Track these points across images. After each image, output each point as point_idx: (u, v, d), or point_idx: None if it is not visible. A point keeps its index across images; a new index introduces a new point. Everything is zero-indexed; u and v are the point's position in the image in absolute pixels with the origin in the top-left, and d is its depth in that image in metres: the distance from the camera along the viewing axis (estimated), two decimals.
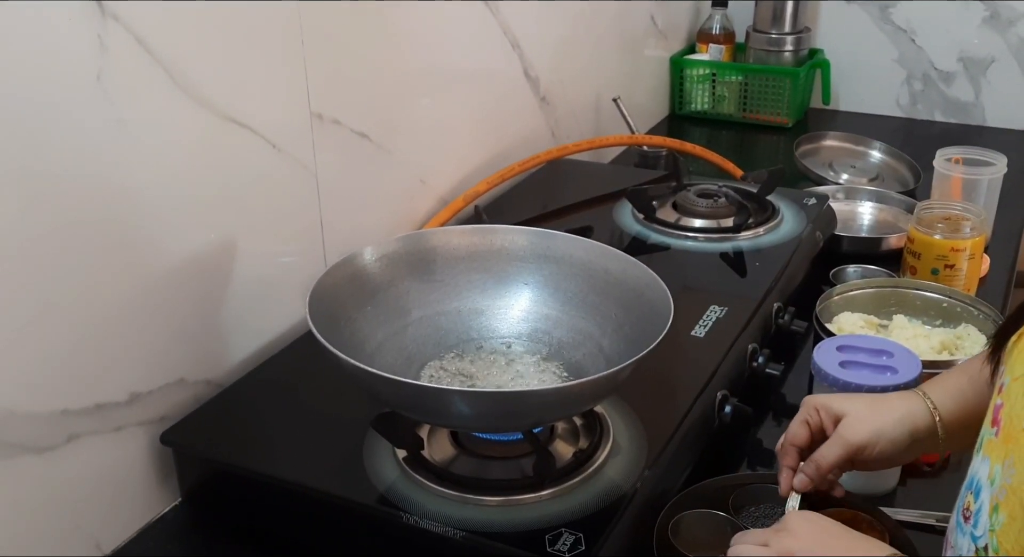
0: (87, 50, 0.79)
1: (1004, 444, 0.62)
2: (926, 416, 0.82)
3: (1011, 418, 0.62)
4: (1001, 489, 0.61)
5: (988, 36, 1.97)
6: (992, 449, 0.64)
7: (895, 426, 0.82)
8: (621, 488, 0.84)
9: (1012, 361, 0.65)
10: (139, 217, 0.87)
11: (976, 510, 0.64)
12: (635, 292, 0.90)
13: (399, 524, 0.81)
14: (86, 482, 0.87)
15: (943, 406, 0.82)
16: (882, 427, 0.82)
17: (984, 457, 0.65)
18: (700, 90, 2.08)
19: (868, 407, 0.83)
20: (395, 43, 1.19)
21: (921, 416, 0.82)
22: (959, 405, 0.82)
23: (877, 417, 0.82)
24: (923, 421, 0.82)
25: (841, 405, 0.84)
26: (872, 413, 0.83)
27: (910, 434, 0.82)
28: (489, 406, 0.80)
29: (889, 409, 0.83)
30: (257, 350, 1.05)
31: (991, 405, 0.67)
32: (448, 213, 1.32)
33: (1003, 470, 0.61)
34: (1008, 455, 0.61)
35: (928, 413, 0.82)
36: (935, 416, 0.82)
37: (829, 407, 0.84)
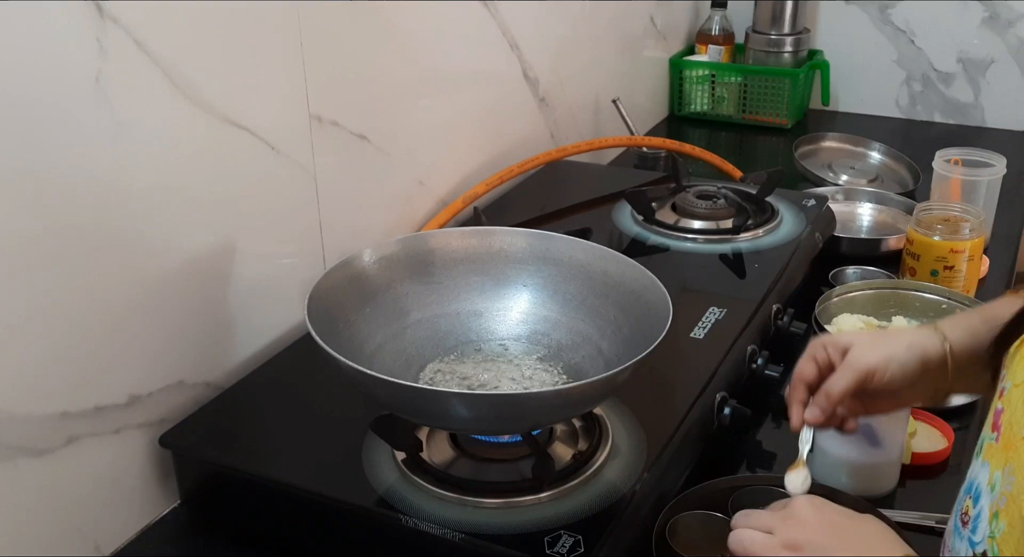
0: (85, 52, 0.79)
1: (1004, 451, 0.62)
2: (936, 346, 0.80)
3: (1011, 425, 0.62)
4: (1001, 496, 0.61)
5: (987, 37, 1.97)
6: (992, 454, 0.64)
7: (905, 352, 0.80)
8: (620, 490, 0.84)
9: (1014, 367, 0.65)
10: (138, 219, 0.87)
11: (975, 515, 0.64)
12: (634, 294, 0.90)
13: (398, 526, 0.81)
14: (85, 484, 0.87)
15: (954, 338, 0.80)
16: (892, 352, 0.80)
17: (984, 462, 0.65)
18: (699, 91, 2.08)
19: (876, 337, 0.83)
20: (394, 45, 1.19)
21: (932, 345, 0.80)
22: (970, 339, 0.80)
23: (886, 345, 0.81)
24: (933, 350, 0.80)
25: (848, 337, 0.83)
26: (881, 341, 0.82)
27: (920, 362, 0.80)
28: (488, 409, 0.80)
29: (898, 338, 0.82)
30: (256, 352, 1.05)
31: (992, 409, 0.67)
32: (447, 215, 1.32)
33: (1003, 477, 0.61)
34: (1008, 462, 0.61)
35: (939, 343, 0.80)
36: (945, 346, 0.80)
37: (836, 341, 0.83)
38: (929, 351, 0.81)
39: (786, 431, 1.09)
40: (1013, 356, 0.65)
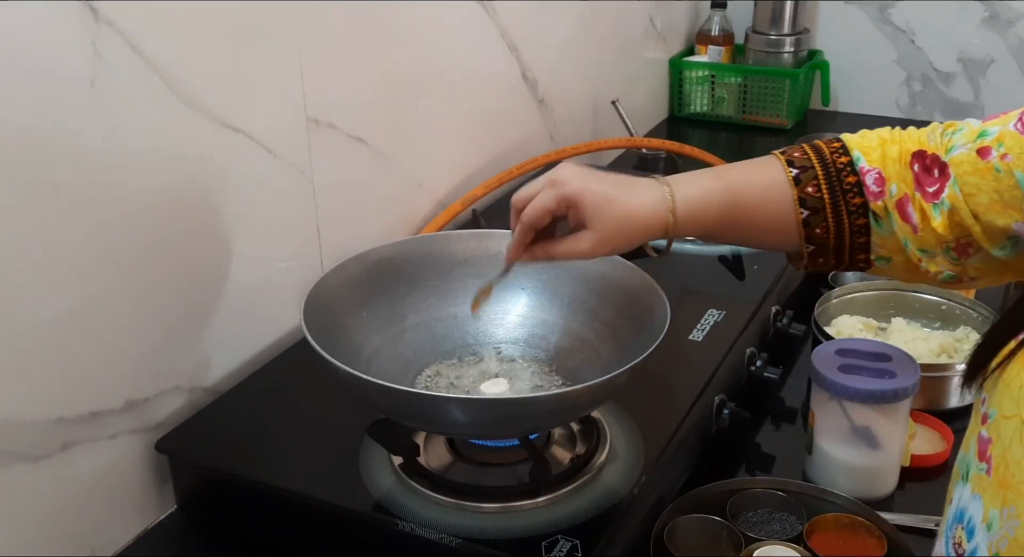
0: (80, 56, 0.79)
1: (1001, 489, 0.60)
2: (662, 227, 0.78)
3: (1007, 462, 0.60)
4: (1003, 539, 0.59)
5: (987, 36, 1.96)
6: (984, 488, 0.62)
7: (630, 243, 0.79)
8: (618, 494, 0.84)
9: (998, 395, 0.63)
10: (134, 223, 0.87)
11: (971, 550, 0.62)
12: (632, 297, 0.90)
13: (395, 531, 0.81)
14: (81, 490, 0.87)
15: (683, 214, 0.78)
16: (618, 248, 0.79)
17: (975, 495, 0.63)
18: (699, 92, 2.07)
19: (615, 227, 0.78)
20: (392, 47, 1.19)
21: (659, 226, 0.78)
22: (701, 215, 0.78)
23: (619, 238, 0.78)
24: (659, 230, 0.78)
25: (590, 216, 0.77)
26: (615, 233, 0.78)
27: (641, 242, 0.79)
28: (485, 413, 0.80)
29: (635, 226, 0.78)
30: (253, 356, 1.05)
31: (974, 434, 0.65)
32: (446, 217, 1.32)
33: (1003, 519, 0.60)
34: (1008, 503, 0.59)
35: (665, 225, 0.78)
36: (669, 227, 0.78)
37: (580, 211, 0.78)
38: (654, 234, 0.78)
39: (785, 434, 1.09)
40: (995, 382, 0.63)
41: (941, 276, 0.77)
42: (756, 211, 0.80)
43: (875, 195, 0.76)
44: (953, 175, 0.73)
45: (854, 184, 0.77)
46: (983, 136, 0.73)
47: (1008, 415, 0.61)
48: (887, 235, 0.77)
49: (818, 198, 0.77)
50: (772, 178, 0.80)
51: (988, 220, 0.72)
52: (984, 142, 0.72)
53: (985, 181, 0.71)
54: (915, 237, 0.75)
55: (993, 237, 0.72)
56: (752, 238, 0.83)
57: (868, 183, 0.76)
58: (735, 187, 0.80)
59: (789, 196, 0.78)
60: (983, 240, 0.73)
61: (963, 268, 0.76)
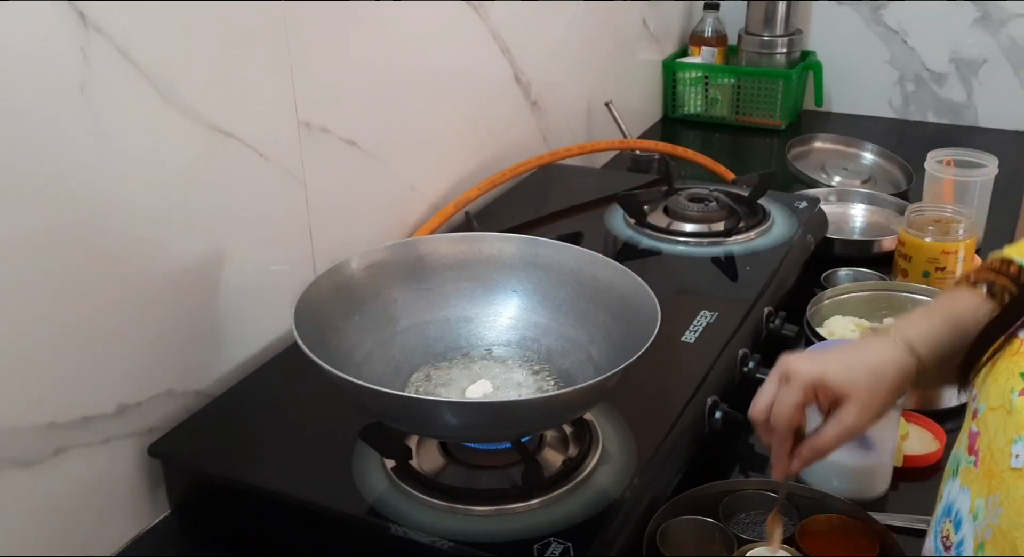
0: (69, 62, 0.79)
1: (986, 479, 0.61)
2: (913, 369, 0.77)
3: (991, 452, 0.61)
4: (987, 528, 0.60)
5: (979, 37, 1.97)
6: (972, 480, 0.63)
7: (890, 399, 0.77)
8: (611, 496, 0.84)
9: (986, 390, 0.63)
10: (126, 228, 0.87)
11: (958, 542, 0.63)
12: (623, 299, 0.90)
13: (388, 535, 0.81)
14: (74, 495, 0.87)
15: (926, 355, 0.77)
16: (883, 407, 0.77)
17: (963, 487, 0.64)
18: (693, 93, 2.08)
19: (869, 389, 0.76)
20: (383, 49, 1.19)
21: (910, 370, 0.77)
22: (938, 350, 0.77)
23: (877, 399, 0.76)
24: (911, 374, 0.77)
25: (842, 386, 0.75)
26: (873, 395, 0.76)
27: (899, 394, 0.78)
28: (477, 416, 0.80)
29: (886, 381, 0.76)
30: (246, 360, 1.05)
31: (965, 429, 0.66)
32: (439, 220, 1.32)
33: (987, 507, 0.60)
34: (992, 492, 0.60)
35: (915, 366, 0.77)
36: (919, 368, 0.77)
37: (830, 387, 0.76)
38: (906, 381, 0.77)
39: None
40: (984, 377, 0.64)
41: None
42: (968, 331, 0.74)
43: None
44: None
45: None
46: None
47: (994, 407, 0.62)
48: None
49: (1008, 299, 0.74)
50: (972, 298, 0.77)
51: None
52: None
53: None
54: None
55: None
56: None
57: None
58: (953, 313, 0.78)
59: (990, 310, 0.74)
60: None
61: None
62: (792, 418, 0.76)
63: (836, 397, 0.76)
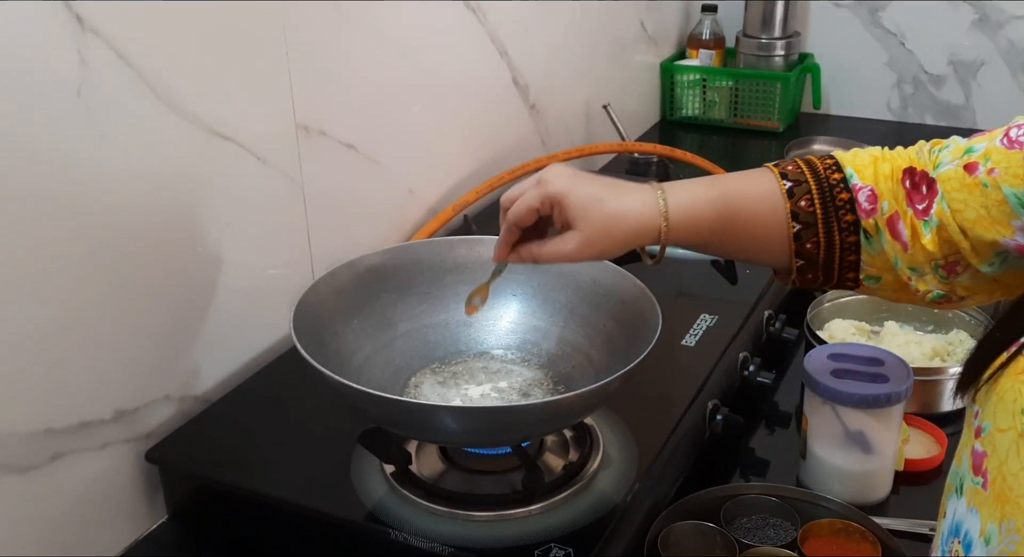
0: (66, 65, 0.79)
1: (998, 503, 0.60)
2: (655, 232, 0.76)
3: (1004, 476, 0.60)
4: (1002, 553, 0.59)
5: (978, 39, 1.96)
6: (981, 502, 0.62)
7: (619, 246, 0.77)
8: (611, 501, 0.83)
9: (991, 408, 0.62)
10: (123, 232, 0.87)
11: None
12: (624, 303, 0.90)
13: (387, 541, 0.80)
14: (71, 501, 0.86)
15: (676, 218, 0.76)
16: (608, 250, 0.77)
17: (972, 508, 0.63)
18: (691, 95, 2.07)
19: (601, 228, 0.76)
20: (381, 53, 1.19)
21: (651, 231, 0.76)
22: (695, 222, 0.77)
23: (605, 239, 0.76)
24: (651, 235, 0.77)
25: (575, 215, 0.76)
26: (602, 234, 0.76)
27: (632, 246, 0.78)
28: (477, 422, 0.79)
29: (623, 227, 0.76)
30: (244, 365, 1.04)
31: (968, 447, 0.65)
32: (437, 223, 1.31)
33: (1001, 533, 0.59)
34: (1007, 517, 0.59)
35: (657, 229, 0.76)
36: (662, 232, 0.76)
37: (565, 209, 0.76)
38: (643, 239, 0.77)
39: (779, 438, 1.09)
40: (987, 394, 0.63)
41: (930, 296, 0.76)
42: (749, 221, 0.78)
43: (867, 212, 0.76)
44: (941, 191, 0.73)
45: (847, 201, 0.76)
46: (969, 152, 0.73)
47: (1003, 428, 0.61)
48: (877, 253, 0.76)
49: (810, 213, 0.77)
50: (766, 190, 0.78)
51: (976, 236, 0.71)
52: (971, 158, 0.72)
53: (972, 196, 0.71)
54: (905, 255, 0.75)
55: (981, 253, 0.72)
56: (742, 250, 0.82)
57: (861, 200, 0.76)
58: (729, 195, 0.78)
59: (782, 208, 0.77)
60: (971, 256, 0.72)
61: (952, 287, 0.75)
62: (523, 216, 0.78)
63: (567, 221, 0.77)
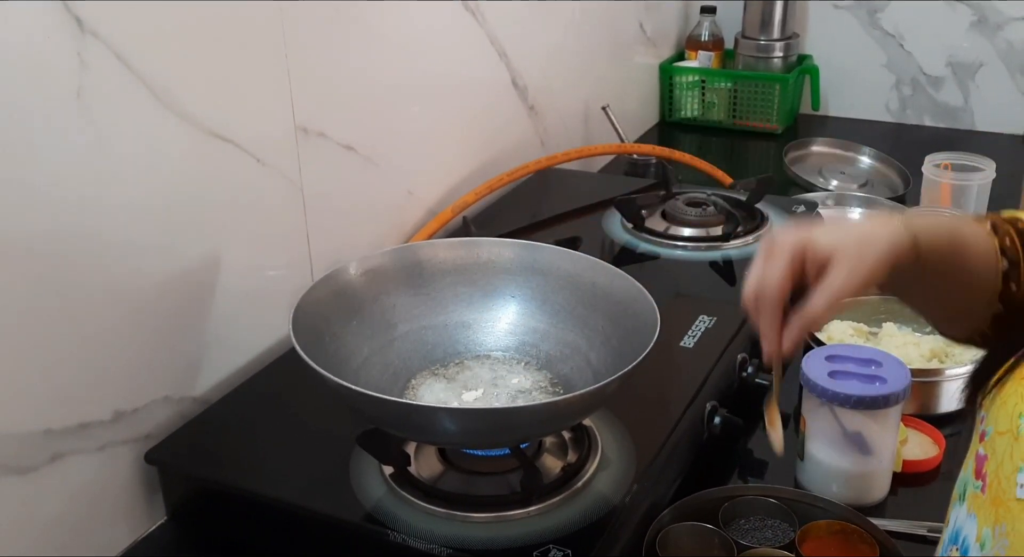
0: (66, 67, 0.79)
1: (993, 506, 0.60)
2: (908, 245, 0.71)
3: (999, 479, 0.60)
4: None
5: (976, 40, 1.97)
6: (979, 506, 0.62)
7: (881, 266, 0.71)
8: (610, 502, 0.84)
9: (995, 411, 0.62)
10: (122, 233, 0.87)
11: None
12: (622, 305, 0.90)
13: (386, 542, 0.80)
14: (70, 502, 0.86)
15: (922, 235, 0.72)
16: (873, 272, 0.70)
17: (970, 514, 0.63)
18: (690, 97, 2.07)
19: (858, 253, 0.70)
20: (380, 54, 1.19)
21: (905, 244, 0.71)
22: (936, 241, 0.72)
23: (865, 265, 0.70)
24: (906, 249, 0.71)
25: (830, 246, 0.70)
26: (861, 260, 0.70)
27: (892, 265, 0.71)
28: (476, 423, 0.80)
29: (877, 248, 0.70)
30: (243, 366, 1.04)
31: (972, 452, 0.65)
32: (436, 224, 1.31)
33: (994, 537, 0.59)
34: (999, 521, 0.59)
35: (910, 243, 0.71)
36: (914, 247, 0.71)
37: (817, 250, 0.71)
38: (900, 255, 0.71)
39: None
40: (992, 399, 0.63)
41: None
42: (973, 258, 0.73)
43: None
44: None
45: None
46: None
47: (1002, 431, 0.61)
48: None
49: (1014, 251, 0.72)
50: (976, 229, 0.74)
51: None
52: None
53: None
54: None
55: None
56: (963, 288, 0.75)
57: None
58: (958, 230, 0.74)
59: (992, 245, 0.72)
60: None
61: None
62: (781, 288, 0.70)
63: (823, 260, 0.70)
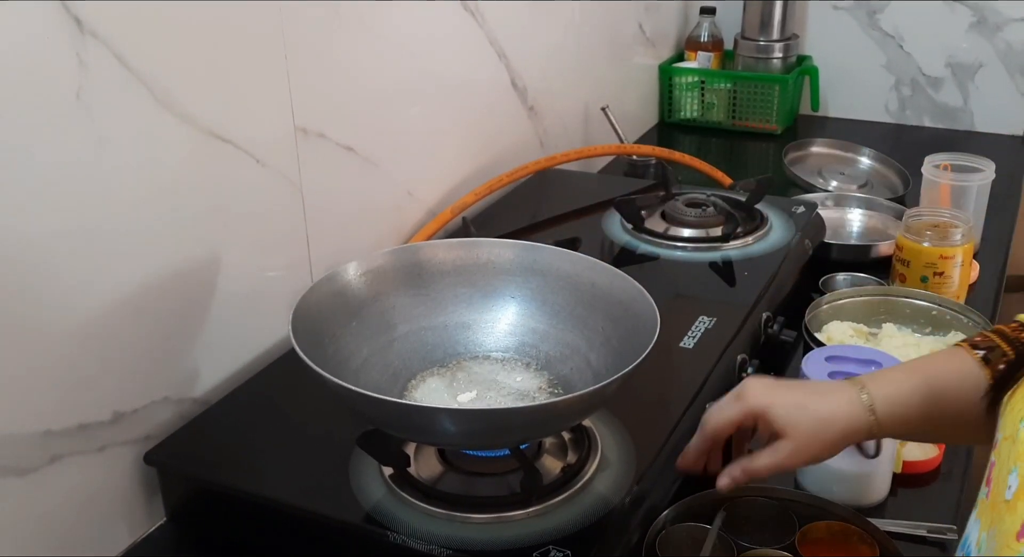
0: (65, 68, 0.79)
1: (992, 510, 0.61)
2: (866, 428, 0.78)
3: (998, 483, 0.60)
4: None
5: (975, 41, 1.97)
6: (983, 512, 0.62)
7: (832, 449, 0.79)
8: (610, 503, 0.83)
9: (1005, 418, 0.63)
10: (123, 233, 0.87)
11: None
12: (622, 305, 0.90)
13: (385, 543, 0.80)
14: (70, 503, 0.86)
15: (885, 415, 0.78)
16: (821, 454, 0.80)
17: (976, 519, 0.63)
18: (689, 98, 2.08)
19: (811, 433, 0.78)
20: (379, 55, 1.19)
21: (862, 428, 0.78)
22: (903, 412, 0.78)
23: (816, 443, 0.78)
24: (862, 432, 0.79)
25: (783, 425, 0.78)
26: (813, 439, 0.78)
27: (844, 446, 0.80)
28: (475, 424, 0.80)
29: (832, 430, 0.78)
30: (243, 367, 1.04)
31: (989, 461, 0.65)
32: (436, 225, 1.31)
33: (988, 540, 0.60)
34: (994, 524, 0.59)
35: (868, 426, 0.78)
36: (873, 428, 0.78)
37: (771, 422, 0.79)
38: (857, 435, 0.79)
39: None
40: (1005, 406, 0.64)
41: None
42: (954, 401, 0.76)
43: None
44: None
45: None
46: None
47: (1007, 436, 0.61)
48: None
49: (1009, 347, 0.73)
50: (962, 365, 0.76)
51: None
52: None
53: None
54: None
55: None
56: (946, 431, 0.81)
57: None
58: (930, 379, 0.77)
59: (983, 380, 0.73)
60: None
61: None
62: (720, 428, 0.82)
63: (775, 432, 0.79)
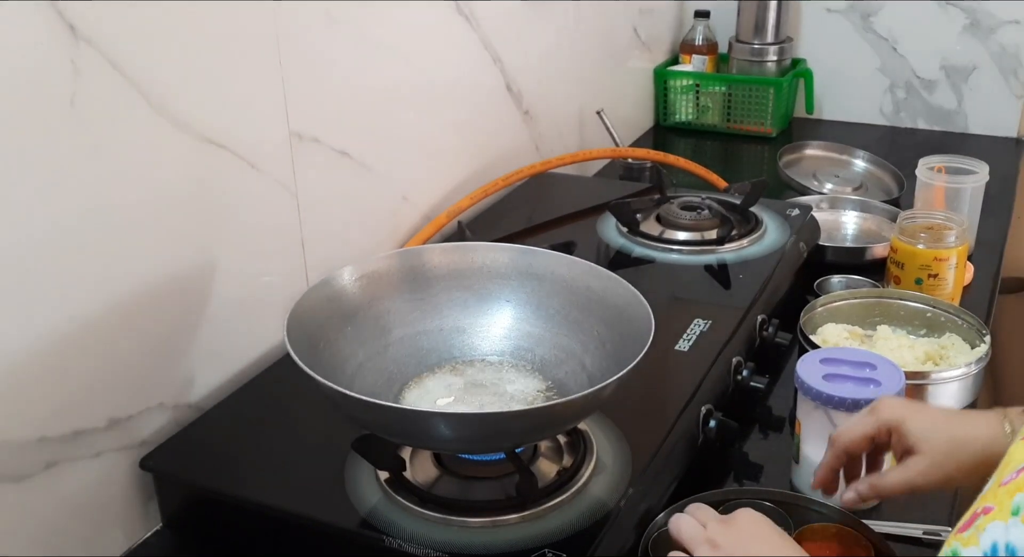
0: (59, 74, 0.79)
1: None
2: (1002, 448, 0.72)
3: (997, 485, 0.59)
4: None
5: (969, 44, 1.97)
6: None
7: (966, 474, 0.76)
8: (605, 506, 0.84)
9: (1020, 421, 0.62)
10: (117, 239, 0.87)
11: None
12: (617, 309, 0.90)
13: (381, 548, 0.80)
14: (66, 509, 0.86)
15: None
16: (954, 475, 0.76)
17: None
18: (684, 101, 2.08)
19: (945, 451, 0.75)
20: (374, 59, 1.19)
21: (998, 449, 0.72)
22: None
23: (951, 462, 0.75)
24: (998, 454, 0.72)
25: (917, 439, 0.76)
26: (947, 458, 0.75)
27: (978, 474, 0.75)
28: (471, 428, 0.80)
29: (968, 451, 0.75)
30: (238, 372, 1.04)
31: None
32: (431, 230, 1.32)
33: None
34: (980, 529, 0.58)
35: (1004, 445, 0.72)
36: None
37: (905, 436, 0.76)
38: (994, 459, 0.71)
39: (773, 443, 1.09)
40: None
41: None
42: None
43: None
44: None
45: None
46: None
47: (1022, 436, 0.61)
48: None
49: None
50: None
51: None
52: None
53: None
54: None
55: None
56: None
57: None
58: None
59: None
60: None
61: None
62: (852, 442, 0.79)
63: (908, 447, 0.76)
